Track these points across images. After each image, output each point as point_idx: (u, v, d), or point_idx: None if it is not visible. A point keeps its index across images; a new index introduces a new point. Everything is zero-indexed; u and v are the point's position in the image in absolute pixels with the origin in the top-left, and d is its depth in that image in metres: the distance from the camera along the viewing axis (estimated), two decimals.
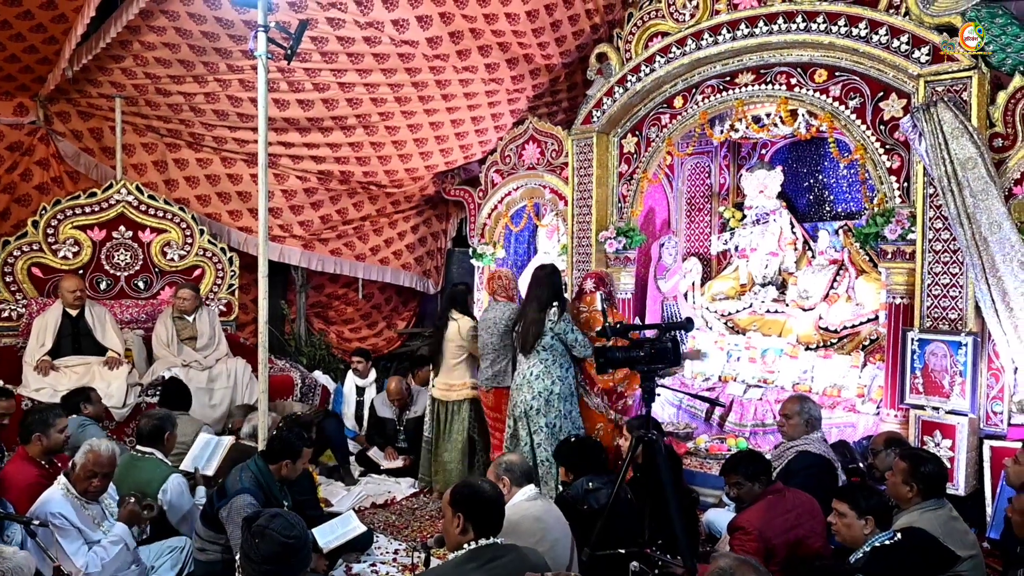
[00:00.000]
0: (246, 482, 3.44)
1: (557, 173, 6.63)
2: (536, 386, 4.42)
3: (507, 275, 5.01)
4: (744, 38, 5.29)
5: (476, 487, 2.56)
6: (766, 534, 3.13)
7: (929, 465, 3.13)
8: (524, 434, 4.44)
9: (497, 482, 3.01)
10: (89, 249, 6.28)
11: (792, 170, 6.89)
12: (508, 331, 4.69)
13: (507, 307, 4.79)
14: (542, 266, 4.73)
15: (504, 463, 3.11)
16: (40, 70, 5.92)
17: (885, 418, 4.78)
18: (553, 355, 4.45)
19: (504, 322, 4.71)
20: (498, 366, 4.74)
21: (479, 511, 2.46)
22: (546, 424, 4.40)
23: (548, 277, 4.56)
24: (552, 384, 4.41)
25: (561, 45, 6.33)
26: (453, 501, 2.50)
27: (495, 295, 4.89)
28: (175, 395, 4.86)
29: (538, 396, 4.41)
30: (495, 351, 4.74)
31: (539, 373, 4.42)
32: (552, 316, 4.41)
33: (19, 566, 1.75)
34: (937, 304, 4.51)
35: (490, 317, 4.78)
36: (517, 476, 3.08)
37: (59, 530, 3.08)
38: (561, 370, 4.45)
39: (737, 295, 6.63)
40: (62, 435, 3.68)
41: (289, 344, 7.52)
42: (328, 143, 6.74)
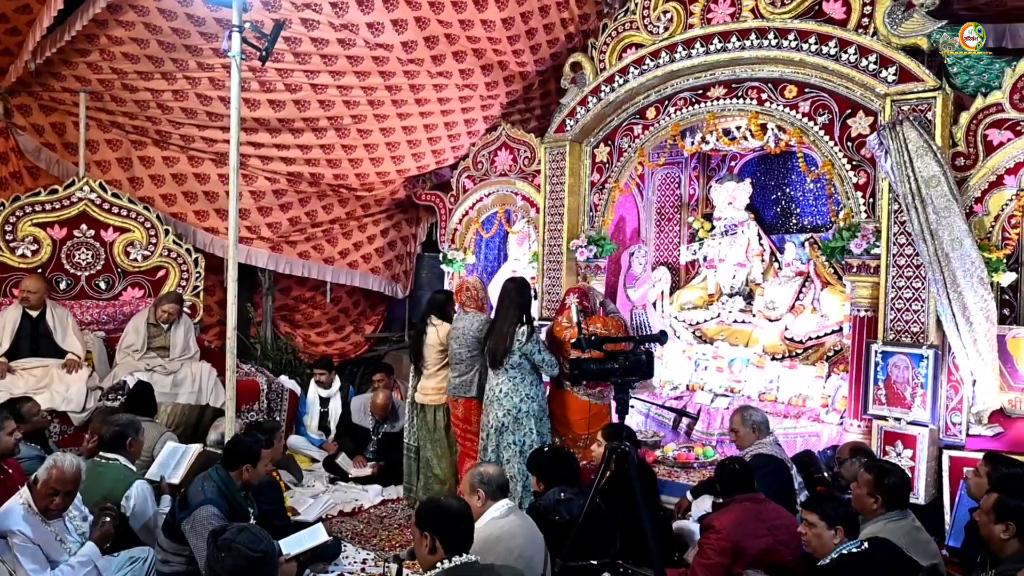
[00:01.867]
0: (209, 492, 3.36)
1: (529, 180, 6.65)
2: (505, 403, 4.44)
3: (476, 285, 4.98)
4: (717, 52, 5.37)
5: (441, 504, 2.51)
6: (735, 536, 3.17)
7: (892, 477, 3.20)
8: (491, 449, 4.45)
9: (472, 494, 2.98)
10: (49, 248, 6.10)
11: (760, 183, 7.01)
12: (477, 341, 4.67)
13: (476, 317, 4.77)
14: (512, 279, 4.72)
15: (480, 475, 3.08)
16: (1, 62, 5.74)
17: (848, 428, 4.88)
18: (522, 372, 4.45)
19: (473, 333, 4.69)
20: (466, 376, 4.71)
21: (447, 528, 2.41)
22: (514, 442, 4.41)
23: (517, 292, 4.54)
24: (520, 402, 4.42)
25: (536, 53, 6.35)
26: (419, 521, 2.45)
27: (464, 305, 4.87)
28: (141, 401, 4.71)
29: (507, 414, 4.42)
30: (462, 361, 4.71)
31: (507, 391, 4.44)
32: (520, 335, 4.40)
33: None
34: (900, 317, 4.62)
35: (460, 327, 4.76)
36: (493, 489, 3.05)
37: (18, 547, 2.97)
38: (531, 387, 4.45)
39: (705, 305, 6.72)
40: (12, 437, 3.55)
41: (255, 348, 7.40)
42: (299, 144, 6.66)
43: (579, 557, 3.09)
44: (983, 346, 4.34)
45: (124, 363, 5.57)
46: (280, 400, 6.10)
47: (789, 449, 4.60)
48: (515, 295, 4.51)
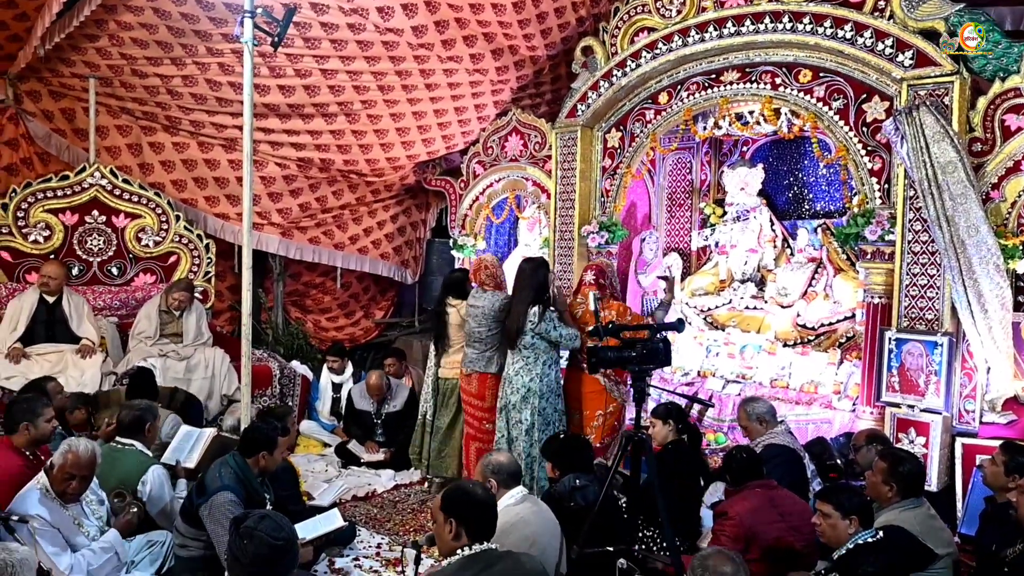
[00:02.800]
0: (226, 479, 3.37)
1: (540, 166, 6.62)
2: (516, 382, 4.48)
3: (492, 262, 4.96)
4: (730, 36, 5.32)
5: (468, 491, 2.51)
6: (748, 521, 3.18)
7: (907, 465, 3.20)
8: (502, 426, 4.50)
9: (484, 482, 2.99)
10: (61, 233, 6.12)
11: (773, 168, 6.96)
12: (496, 321, 4.67)
13: (495, 296, 4.76)
14: (529, 259, 4.70)
15: (492, 464, 3.08)
16: (10, 47, 5.73)
17: (861, 415, 4.87)
18: (535, 352, 4.46)
19: (493, 312, 4.68)
20: (485, 353, 4.73)
21: (472, 516, 2.41)
22: (521, 420, 4.45)
23: (533, 271, 4.52)
24: (530, 381, 4.43)
25: (546, 37, 6.30)
26: (444, 506, 2.44)
27: (483, 284, 4.86)
28: (142, 387, 4.71)
29: (516, 391, 4.46)
30: (482, 340, 4.72)
31: (519, 369, 4.47)
32: (533, 316, 4.39)
33: (25, 559, 1.71)
34: (914, 304, 4.60)
35: (480, 306, 4.74)
36: (504, 477, 3.05)
37: (37, 531, 3.00)
38: (543, 367, 4.46)
39: (716, 291, 6.70)
40: (49, 425, 3.59)
41: (266, 334, 7.42)
42: (309, 130, 6.64)
43: (595, 544, 3.10)
44: (998, 333, 4.31)
45: (137, 349, 5.60)
46: (292, 385, 6.13)
47: (801, 436, 4.60)
48: (530, 275, 4.49)
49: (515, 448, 4.43)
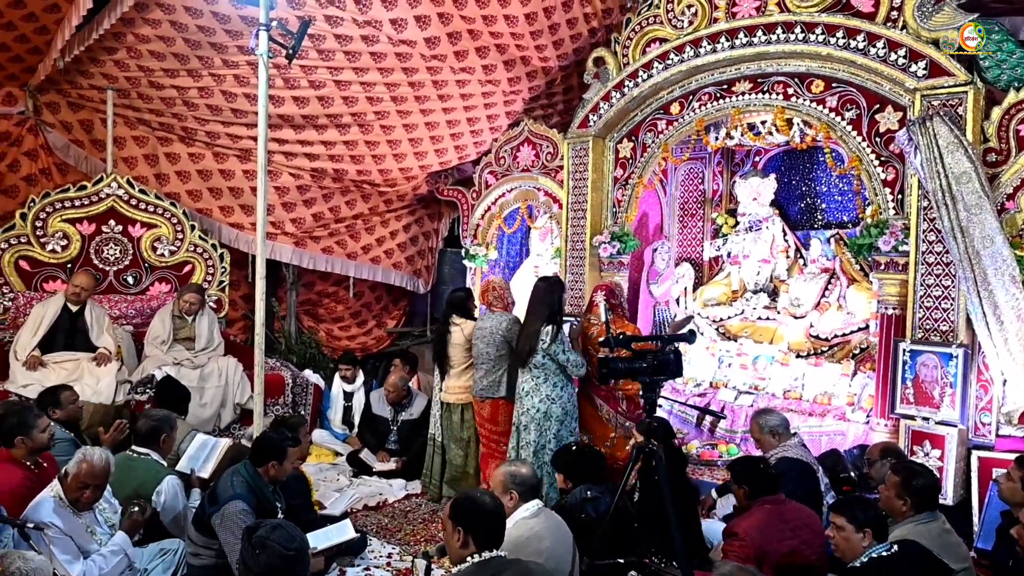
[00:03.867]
0: (238, 487, 3.39)
1: (552, 176, 6.64)
2: (526, 403, 4.42)
3: (500, 284, 4.96)
4: (742, 47, 5.32)
5: (476, 500, 2.52)
6: (759, 541, 3.15)
7: (921, 478, 3.16)
8: (512, 447, 4.43)
9: (505, 494, 2.99)
10: (78, 243, 6.19)
11: (785, 178, 6.95)
12: (504, 342, 4.64)
13: (503, 317, 4.75)
14: (544, 278, 4.64)
15: (517, 476, 3.06)
16: (31, 60, 5.82)
17: (875, 427, 4.83)
18: (545, 373, 4.39)
19: (501, 333, 4.66)
20: (492, 376, 4.69)
21: (480, 525, 2.43)
22: (531, 441, 4.38)
23: (548, 291, 4.47)
24: (540, 403, 4.37)
25: (558, 48, 6.33)
26: (453, 515, 2.47)
27: (491, 305, 4.84)
28: (172, 397, 4.77)
29: (526, 413, 4.41)
30: (490, 361, 4.69)
31: (529, 390, 4.41)
32: (545, 336, 4.34)
33: (40, 567, 1.74)
34: (929, 316, 4.57)
35: (486, 327, 4.73)
36: (525, 490, 3.04)
37: (51, 539, 3.03)
38: (552, 389, 4.39)
39: (729, 301, 6.68)
40: (45, 434, 3.61)
41: (279, 342, 7.47)
42: (322, 141, 6.69)
43: (606, 556, 3.09)
44: (1014, 345, 4.27)
45: (152, 356, 5.64)
46: (305, 394, 6.16)
47: (814, 448, 4.57)
48: (545, 294, 4.45)
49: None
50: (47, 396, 4.26)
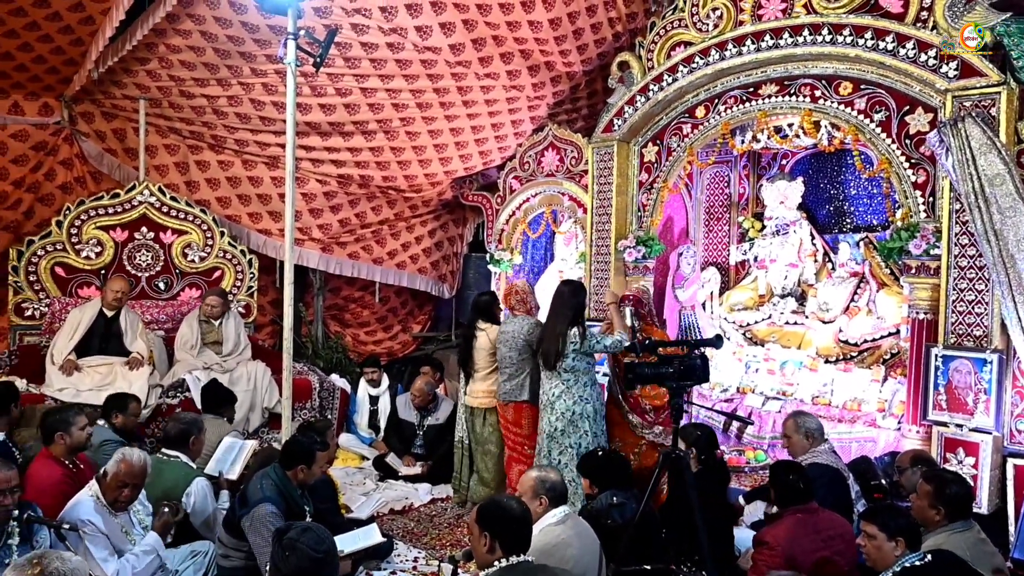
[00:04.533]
0: (267, 491, 3.43)
1: (576, 180, 6.63)
2: (559, 407, 4.35)
3: (524, 288, 4.91)
4: (768, 49, 5.29)
5: (503, 505, 2.52)
6: (791, 551, 3.11)
7: (954, 487, 3.09)
8: (553, 454, 4.35)
9: (535, 499, 2.98)
10: (111, 249, 6.32)
11: (813, 181, 6.87)
12: (527, 346, 4.61)
13: (525, 321, 4.72)
14: (567, 282, 4.62)
15: (548, 481, 3.04)
16: (66, 71, 5.96)
17: (907, 434, 4.75)
18: (575, 375, 4.35)
19: (523, 337, 4.63)
20: (515, 380, 4.66)
21: (506, 529, 2.43)
22: (570, 445, 4.31)
23: (572, 294, 4.44)
24: (574, 404, 4.32)
25: (583, 53, 6.34)
26: (480, 519, 2.47)
27: (513, 309, 4.82)
28: (216, 400, 4.85)
29: (561, 417, 4.34)
30: (512, 365, 4.66)
31: (560, 394, 4.36)
32: (574, 338, 4.30)
33: (77, 568, 1.78)
34: (962, 320, 4.48)
35: (509, 331, 4.71)
36: (555, 496, 3.03)
37: (88, 536, 3.10)
38: (585, 389, 4.35)
39: (755, 306, 6.62)
40: (84, 432, 3.69)
41: (306, 347, 7.55)
42: (349, 147, 6.77)
43: (632, 562, 3.08)
44: None
45: (183, 361, 5.74)
46: (332, 398, 6.21)
47: (844, 455, 4.51)
48: (569, 297, 4.42)
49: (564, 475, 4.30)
50: (116, 400, 4.40)
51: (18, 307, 6.01)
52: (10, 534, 2.83)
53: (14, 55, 5.58)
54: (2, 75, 5.83)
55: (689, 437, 3.84)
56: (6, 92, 6.08)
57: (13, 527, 2.84)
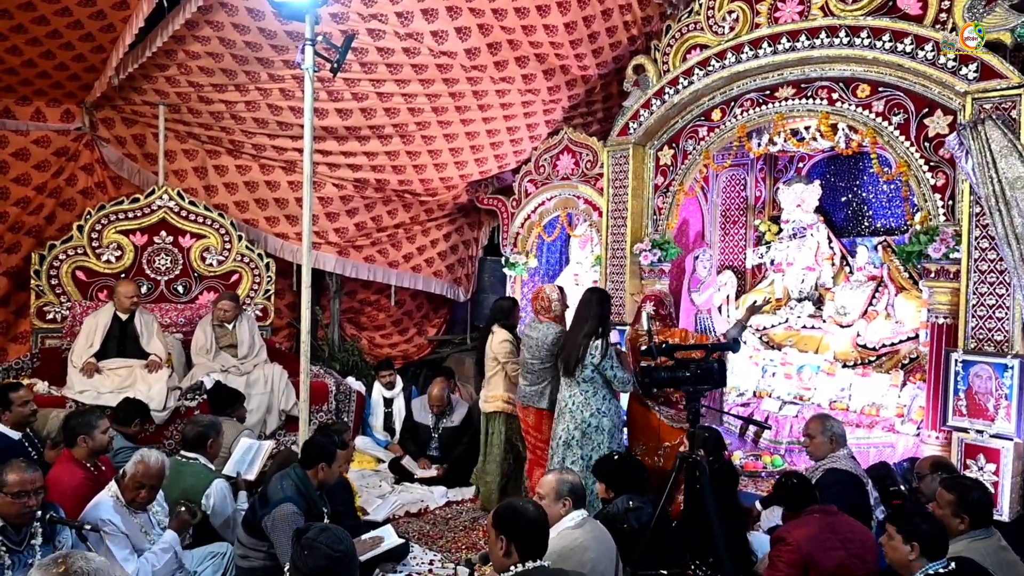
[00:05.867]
0: (288, 491, 3.47)
1: (591, 184, 6.63)
2: (576, 416, 4.31)
3: (552, 296, 4.80)
4: (785, 52, 5.26)
5: (519, 509, 2.53)
6: (806, 548, 3.09)
7: (976, 492, 3.07)
8: (568, 462, 4.31)
9: (558, 501, 2.98)
10: (131, 254, 6.40)
11: (830, 184, 6.83)
12: (551, 354, 4.57)
13: (550, 328, 4.65)
14: (593, 290, 4.54)
15: (569, 483, 3.05)
16: (87, 78, 6.05)
17: (926, 439, 4.70)
18: (594, 387, 4.31)
19: (548, 345, 4.59)
20: (537, 387, 4.64)
21: (523, 533, 2.44)
22: (582, 456, 4.28)
23: (598, 302, 4.38)
24: (590, 416, 4.29)
25: (598, 57, 6.34)
26: (496, 523, 2.48)
27: (538, 314, 4.77)
28: (222, 401, 4.91)
29: (577, 427, 4.30)
30: (535, 372, 4.64)
31: (579, 403, 4.31)
32: (594, 350, 4.25)
33: (101, 568, 1.81)
34: (982, 325, 4.43)
35: (533, 336, 4.67)
36: (577, 499, 3.04)
37: (108, 536, 3.14)
38: (603, 402, 4.31)
39: (772, 310, 6.58)
40: (105, 436, 3.74)
41: (322, 350, 7.59)
42: (365, 151, 6.81)
43: (649, 566, 3.07)
44: None
45: (200, 364, 5.80)
46: (348, 401, 6.25)
47: (862, 460, 4.46)
48: (595, 305, 4.34)
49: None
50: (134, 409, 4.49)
51: (40, 311, 6.09)
52: (33, 534, 2.87)
53: (36, 62, 5.67)
54: (25, 82, 5.92)
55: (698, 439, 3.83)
56: (29, 99, 6.18)
57: (36, 527, 2.89)
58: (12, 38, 5.31)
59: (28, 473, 2.83)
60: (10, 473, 2.80)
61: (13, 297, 6.31)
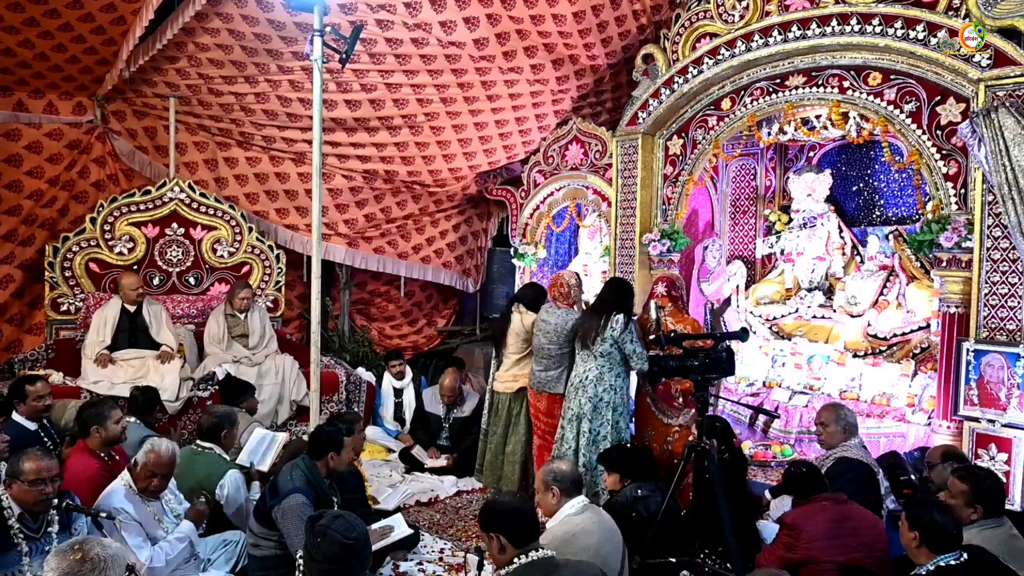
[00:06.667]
0: (297, 481, 3.50)
1: (600, 174, 6.62)
2: (590, 390, 4.35)
3: (568, 282, 4.82)
4: (795, 40, 5.22)
5: (493, 503, 2.57)
6: (810, 535, 3.10)
7: (988, 481, 3.07)
8: (571, 437, 4.39)
9: (546, 491, 3.00)
10: (143, 245, 6.44)
11: (841, 173, 6.79)
12: (569, 340, 4.57)
13: (569, 314, 4.67)
14: (618, 279, 4.59)
15: (554, 472, 3.07)
16: (98, 71, 6.08)
17: (937, 429, 4.69)
18: (610, 362, 4.34)
19: (566, 331, 4.59)
20: (554, 371, 4.65)
21: (507, 525, 2.45)
22: (590, 430, 4.33)
23: (624, 290, 4.47)
24: (604, 392, 4.32)
25: (607, 46, 6.31)
26: (481, 526, 2.52)
27: (555, 300, 4.78)
28: (233, 389, 4.96)
29: (590, 400, 4.34)
30: (552, 357, 4.65)
31: (594, 378, 4.34)
32: (615, 323, 4.28)
33: (116, 555, 1.84)
34: (994, 314, 4.41)
35: (551, 322, 4.67)
36: (567, 486, 3.04)
37: (122, 524, 3.19)
38: (616, 379, 4.35)
39: (782, 300, 6.56)
40: (119, 426, 3.78)
41: (333, 341, 7.63)
42: (374, 143, 6.82)
43: (658, 554, 3.08)
44: None
45: (212, 355, 5.85)
46: (358, 391, 6.28)
47: (873, 450, 4.45)
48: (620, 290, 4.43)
49: (579, 460, 4.35)
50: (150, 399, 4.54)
51: (54, 302, 6.15)
52: (50, 522, 2.92)
53: (48, 55, 5.70)
54: (37, 75, 5.96)
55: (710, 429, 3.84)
56: (41, 92, 6.22)
57: (53, 515, 2.93)
58: (24, 31, 5.34)
59: (44, 461, 2.87)
60: (27, 461, 2.84)
61: (28, 289, 6.37)
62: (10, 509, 2.82)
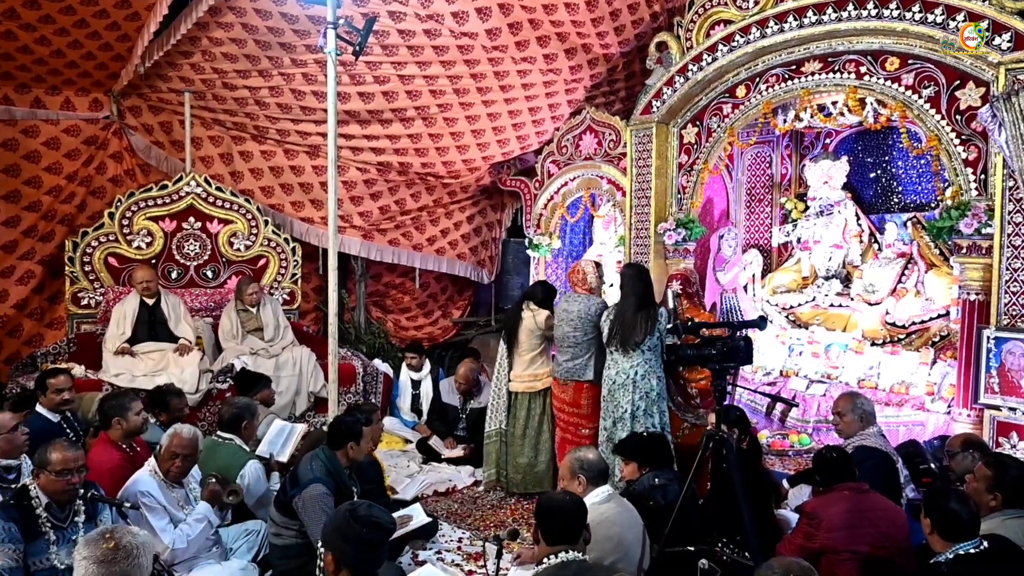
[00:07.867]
0: (317, 471, 3.53)
1: (615, 163, 6.59)
2: (643, 386, 4.25)
3: (585, 269, 4.76)
4: (811, 25, 5.17)
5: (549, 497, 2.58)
6: (830, 524, 3.09)
7: (1014, 471, 3.03)
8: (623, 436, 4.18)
9: (572, 479, 3.01)
10: (161, 239, 6.50)
11: (858, 160, 6.72)
12: (594, 327, 4.51)
13: (590, 300, 4.61)
14: (631, 265, 4.50)
15: (581, 460, 3.07)
16: (114, 67, 6.12)
17: (957, 417, 4.66)
18: (656, 355, 4.28)
19: (591, 316, 4.53)
20: (580, 359, 4.57)
21: (546, 520, 2.47)
22: (651, 425, 4.23)
23: (648, 278, 4.42)
24: (656, 384, 4.26)
25: (620, 34, 6.28)
26: (534, 513, 2.55)
27: (575, 287, 4.73)
28: (247, 381, 5.01)
29: (644, 396, 4.25)
30: (576, 345, 4.56)
31: (644, 373, 4.25)
32: (661, 317, 4.26)
33: (145, 542, 1.88)
34: (1015, 301, 4.36)
35: (573, 310, 4.60)
36: (594, 475, 3.05)
37: (147, 508, 3.25)
38: (660, 369, 4.30)
39: (799, 288, 6.53)
40: (139, 417, 3.83)
41: (349, 333, 7.68)
42: (388, 135, 6.83)
43: (677, 543, 3.09)
44: None
45: (230, 348, 5.91)
46: (375, 383, 6.32)
47: (892, 438, 4.43)
48: (641, 278, 4.38)
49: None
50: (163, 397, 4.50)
51: (74, 296, 6.23)
52: (77, 512, 2.96)
53: (64, 52, 5.75)
54: (54, 72, 6.01)
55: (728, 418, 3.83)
56: (58, 88, 6.27)
57: (79, 505, 2.98)
58: (40, 28, 5.39)
59: (71, 452, 2.92)
60: (53, 452, 2.88)
61: (48, 284, 6.45)
62: (38, 499, 2.87)
